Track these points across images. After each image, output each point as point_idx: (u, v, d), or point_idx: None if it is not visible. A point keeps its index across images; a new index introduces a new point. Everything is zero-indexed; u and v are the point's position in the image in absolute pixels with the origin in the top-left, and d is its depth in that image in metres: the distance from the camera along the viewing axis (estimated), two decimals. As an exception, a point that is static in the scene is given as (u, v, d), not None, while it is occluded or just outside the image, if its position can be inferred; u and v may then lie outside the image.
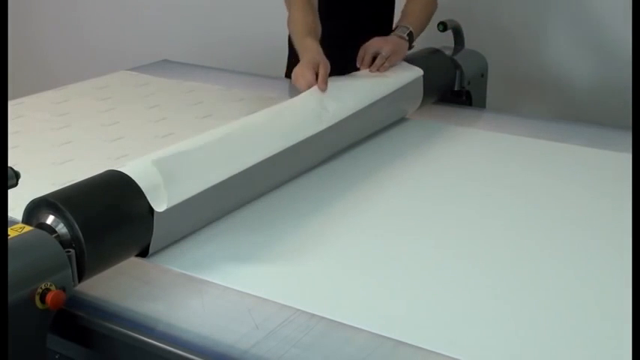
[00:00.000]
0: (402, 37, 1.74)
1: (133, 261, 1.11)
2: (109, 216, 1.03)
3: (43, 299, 0.91)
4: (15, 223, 0.98)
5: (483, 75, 1.99)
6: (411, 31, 1.76)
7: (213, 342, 0.94)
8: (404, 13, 1.86)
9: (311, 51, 1.57)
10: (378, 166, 1.50)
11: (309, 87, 1.50)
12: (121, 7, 3.39)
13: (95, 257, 1.00)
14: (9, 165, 0.93)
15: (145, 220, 1.07)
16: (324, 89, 1.48)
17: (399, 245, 1.18)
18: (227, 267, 1.11)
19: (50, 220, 1.00)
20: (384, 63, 1.66)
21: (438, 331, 0.96)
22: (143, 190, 1.07)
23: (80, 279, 0.99)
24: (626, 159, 1.37)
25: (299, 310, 1.00)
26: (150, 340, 0.95)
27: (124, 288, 1.06)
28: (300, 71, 1.53)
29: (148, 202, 1.07)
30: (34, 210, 1.01)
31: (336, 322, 0.98)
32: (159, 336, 0.95)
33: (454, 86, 1.90)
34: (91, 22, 3.50)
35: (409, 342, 0.94)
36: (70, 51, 3.56)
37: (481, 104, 2.00)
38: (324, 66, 1.51)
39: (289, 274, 1.10)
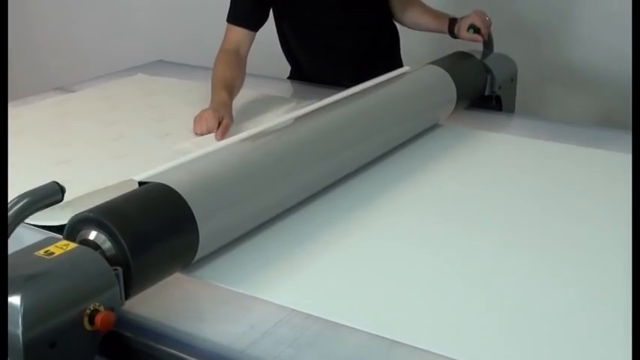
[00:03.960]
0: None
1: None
2: (156, 230, 0.98)
3: (91, 320, 0.87)
4: (57, 238, 0.94)
5: (513, 79, 1.95)
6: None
7: (207, 342, 0.93)
8: (433, 14, 2.01)
9: (220, 103, 1.66)
10: (409, 173, 1.45)
11: (208, 132, 1.58)
12: (115, 7, 3.38)
13: (142, 274, 0.96)
14: (55, 180, 0.89)
15: (191, 234, 1.03)
16: (219, 140, 1.55)
17: (399, 247, 1.17)
18: (221, 267, 1.09)
19: (93, 235, 0.96)
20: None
21: (435, 331, 0.95)
22: (188, 202, 1.03)
23: (126, 298, 0.95)
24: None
25: (294, 310, 0.99)
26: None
27: (167, 305, 1.02)
28: (206, 114, 1.61)
29: (193, 215, 1.02)
30: (76, 225, 0.97)
31: (331, 322, 0.97)
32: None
33: (485, 91, 1.86)
34: (85, 22, 3.49)
35: (405, 342, 0.92)
36: (64, 51, 3.54)
37: (510, 109, 1.96)
38: (228, 122, 1.61)
39: (283, 274, 1.08)
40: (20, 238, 0.97)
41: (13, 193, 0.92)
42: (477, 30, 1.86)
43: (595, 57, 2.41)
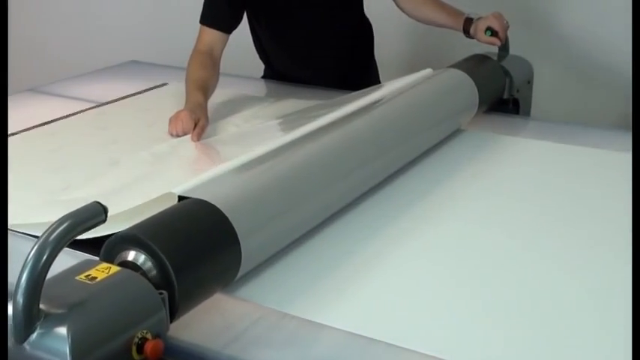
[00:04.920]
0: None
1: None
2: (199, 250, 0.93)
3: (139, 349, 0.82)
4: (95, 261, 0.89)
5: (529, 82, 1.92)
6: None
7: (184, 343, 0.91)
8: (448, 11, 1.94)
9: (195, 103, 1.65)
10: (441, 182, 1.41)
11: (184, 133, 1.59)
12: (87, 6, 3.35)
13: (186, 297, 0.90)
14: (97, 200, 0.83)
15: (234, 252, 0.98)
16: (195, 141, 1.57)
17: (455, 252, 1.15)
18: (261, 285, 1.06)
19: (132, 256, 0.90)
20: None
21: (412, 329, 0.95)
22: (229, 219, 0.98)
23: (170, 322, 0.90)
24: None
25: (270, 308, 0.98)
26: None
27: (209, 327, 0.97)
28: (183, 115, 1.60)
29: (236, 233, 0.97)
30: (115, 245, 0.92)
31: (307, 320, 0.96)
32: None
33: (503, 94, 1.82)
34: (56, 22, 3.44)
35: (381, 339, 0.92)
36: (35, 52, 3.49)
37: (527, 112, 1.93)
38: (203, 122, 1.61)
39: (260, 272, 1.06)
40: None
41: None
42: (494, 33, 1.83)
43: (610, 57, 2.39)
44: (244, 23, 1.95)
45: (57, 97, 2.06)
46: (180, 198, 1.02)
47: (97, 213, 0.82)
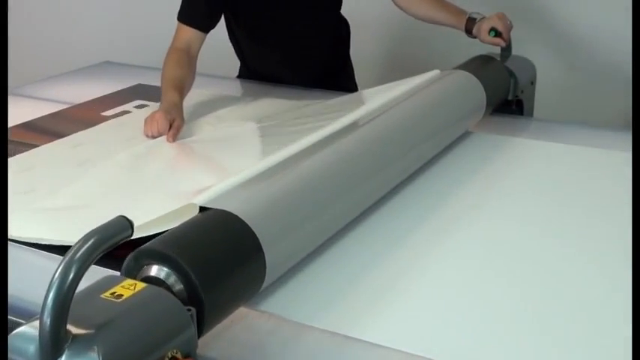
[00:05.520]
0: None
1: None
2: (225, 264, 0.90)
3: (170, 370, 0.79)
4: (119, 277, 0.86)
5: (533, 82, 1.90)
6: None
7: None
8: (449, 9, 1.91)
9: (171, 104, 1.63)
10: (453, 184, 1.39)
11: (159, 135, 1.58)
12: (58, 5, 3.31)
13: (213, 312, 0.88)
14: (123, 215, 0.80)
15: (259, 265, 0.95)
16: (171, 142, 1.56)
17: (484, 263, 1.12)
18: (284, 297, 1.03)
19: (155, 271, 0.87)
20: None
21: (391, 327, 0.95)
22: (254, 230, 0.95)
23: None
24: None
25: (247, 308, 0.97)
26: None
27: (234, 342, 0.94)
28: (158, 116, 1.59)
29: (260, 245, 0.95)
30: (137, 260, 0.88)
31: (283, 319, 0.96)
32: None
33: (508, 95, 1.81)
34: (26, 22, 3.38)
35: (358, 337, 0.92)
36: (9, 53, 3.42)
37: (530, 113, 1.92)
38: (179, 123, 1.60)
39: (283, 284, 1.04)
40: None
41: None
42: (498, 33, 1.81)
43: (610, 57, 2.39)
44: (219, 23, 1.93)
45: (30, 98, 2.02)
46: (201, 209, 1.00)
47: (123, 228, 0.79)
